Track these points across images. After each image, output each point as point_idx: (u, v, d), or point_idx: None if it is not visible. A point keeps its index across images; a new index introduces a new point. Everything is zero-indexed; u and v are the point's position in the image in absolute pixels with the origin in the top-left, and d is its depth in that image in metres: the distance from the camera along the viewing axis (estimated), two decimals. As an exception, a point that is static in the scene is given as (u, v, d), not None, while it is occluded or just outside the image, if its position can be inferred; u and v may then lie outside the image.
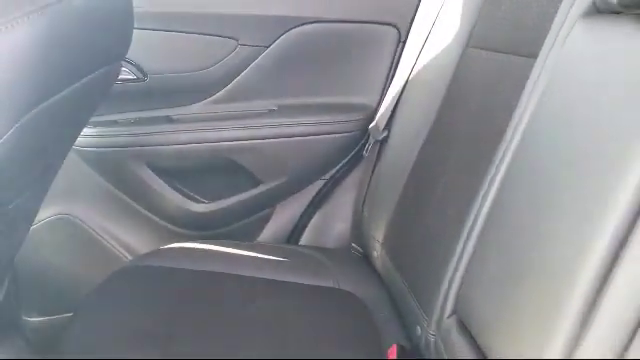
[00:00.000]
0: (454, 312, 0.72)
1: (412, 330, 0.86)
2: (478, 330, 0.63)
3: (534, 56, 0.72)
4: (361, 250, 1.22)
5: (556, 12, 0.70)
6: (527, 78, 0.71)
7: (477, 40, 0.94)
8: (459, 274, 0.72)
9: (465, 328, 0.67)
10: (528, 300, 0.54)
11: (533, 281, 0.54)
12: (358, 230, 1.23)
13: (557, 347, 0.49)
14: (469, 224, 0.73)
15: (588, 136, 0.53)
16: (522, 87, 0.72)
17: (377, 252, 1.09)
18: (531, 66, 0.71)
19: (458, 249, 0.74)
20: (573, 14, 0.65)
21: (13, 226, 1.03)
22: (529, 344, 0.52)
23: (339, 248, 1.30)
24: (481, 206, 0.71)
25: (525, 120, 0.66)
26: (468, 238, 0.73)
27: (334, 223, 1.31)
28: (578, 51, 0.61)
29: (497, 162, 0.71)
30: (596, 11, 0.61)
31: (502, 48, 0.85)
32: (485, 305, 0.62)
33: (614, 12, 0.57)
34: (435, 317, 0.76)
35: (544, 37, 0.71)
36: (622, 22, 0.55)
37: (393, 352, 0.82)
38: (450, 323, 0.72)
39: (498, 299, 0.59)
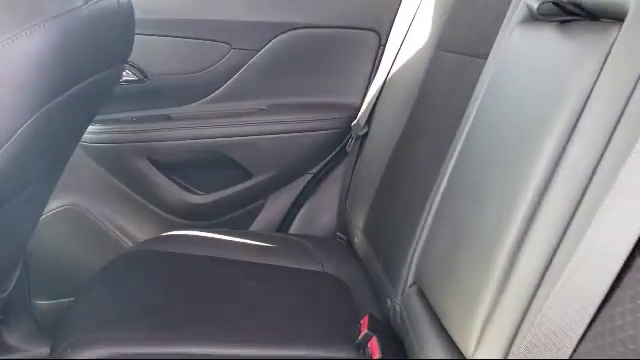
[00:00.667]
0: (415, 282, 0.82)
1: (384, 303, 0.95)
2: (430, 291, 0.72)
3: (485, 57, 0.82)
4: (345, 238, 1.31)
5: (503, 19, 0.80)
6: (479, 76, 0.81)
7: (445, 44, 1.03)
8: (419, 248, 0.82)
9: (422, 293, 0.77)
10: (464, 262, 0.63)
11: (468, 247, 0.64)
12: (342, 220, 1.32)
13: (485, 297, 0.58)
14: (429, 205, 0.83)
15: (514, 127, 0.63)
16: (475, 85, 0.82)
17: (358, 238, 1.18)
18: (482, 66, 0.81)
19: (419, 228, 0.84)
20: (514, 21, 0.75)
21: (24, 216, 1.12)
22: (464, 297, 0.62)
23: (325, 236, 1.39)
24: (438, 188, 0.81)
25: (472, 115, 0.76)
26: (427, 218, 0.83)
27: (321, 214, 1.41)
28: (514, 53, 0.71)
29: (451, 152, 0.81)
30: (530, 18, 0.71)
31: (463, 51, 0.95)
32: (435, 270, 0.72)
33: (540, 19, 0.67)
34: (400, 289, 0.86)
35: (494, 41, 0.81)
36: (546, 28, 0.65)
37: (365, 322, 0.91)
38: (411, 291, 0.81)
39: (444, 264, 0.69)
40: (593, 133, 0.52)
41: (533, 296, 0.54)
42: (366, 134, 1.26)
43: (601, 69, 0.52)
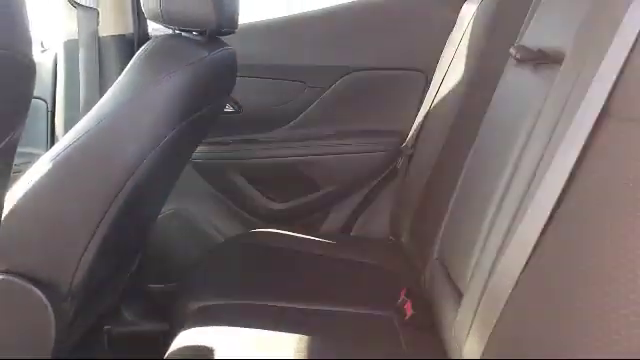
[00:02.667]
0: (438, 256, 1.10)
1: (420, 280, 1.22)
2: (446, 259, 1.00)
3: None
4: (395, 240, 1.59)
5: (505, 63, 1.08)
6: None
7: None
8: (441, 232, 1.10)
9: (443, 264, 1.05)
10: (465, 232, 0.91)
11: (468, 221, 0.91)
12: (393, 224, 1.60)
13: (475, 250, 0.86)
14: (451, 201, 1.11)
15: (498, 137, 0.91)
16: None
17: (405, 238, 1.46)
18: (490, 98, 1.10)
19: (443, 219, 1.12)
20: (511, 63, 1.03)
21: (150, 212, 1.47)
22: (463, 252, 0.89)
23: (379, 238, 1.67)
24: (457, 183, 1.09)
25: (479, 134, 1.05)
26: (448, 211, 1.10)
27: (376, 219, 1.68)
28: (505, 87, 0.99)
29: (467, 162, 1.09)
30: (518, 62, 0.99)
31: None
32: (449, 243, 0.99)
33: (523, 63, 0.95)
34: (429, 264, 1.14)
35: (499, 79, 1.09)
36: (525, 69, 0.93)
37: (403, 292, 1.18)
38: (436, 263, 1.09)
39: (454, 238, 0.97)
40: (542, 135, 0.79)
41: (504, 241, 0.81)
42: (412, 154, 1.55)
43: (547, 96, 0.80)
